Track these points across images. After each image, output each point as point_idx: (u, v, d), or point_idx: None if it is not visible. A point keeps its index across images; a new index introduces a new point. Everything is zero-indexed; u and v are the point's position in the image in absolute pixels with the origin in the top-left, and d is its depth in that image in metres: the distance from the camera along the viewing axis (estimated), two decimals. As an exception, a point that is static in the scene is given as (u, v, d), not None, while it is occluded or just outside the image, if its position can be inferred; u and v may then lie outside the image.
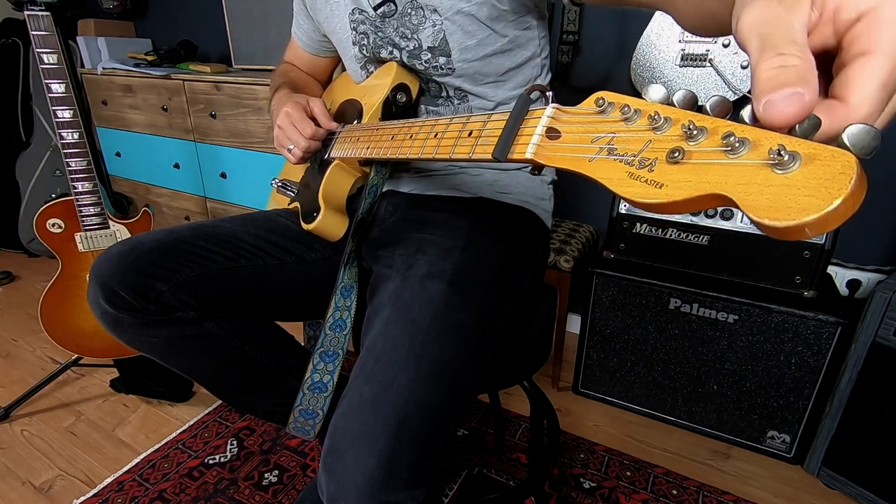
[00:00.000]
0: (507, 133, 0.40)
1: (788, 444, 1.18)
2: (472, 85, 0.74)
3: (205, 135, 1.79)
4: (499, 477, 1.17)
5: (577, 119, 0.36)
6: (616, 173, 0.31)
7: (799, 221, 0.23)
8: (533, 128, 0.38)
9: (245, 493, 1.12)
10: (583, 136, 0.34)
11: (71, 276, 1.27)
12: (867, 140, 0.23)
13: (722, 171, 0.26)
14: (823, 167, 0.23)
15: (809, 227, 0.23)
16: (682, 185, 0.27)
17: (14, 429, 1.32)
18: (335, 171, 0.76)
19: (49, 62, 1.11)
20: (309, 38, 0.94)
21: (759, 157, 0.25)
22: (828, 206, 0.22)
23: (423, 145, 0.52)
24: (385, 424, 0.53)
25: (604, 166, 0.32)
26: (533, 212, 0.81)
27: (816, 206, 0.23)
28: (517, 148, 0.39)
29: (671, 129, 0.30)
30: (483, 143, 0.44)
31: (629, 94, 0.34)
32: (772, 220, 0.24)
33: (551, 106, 0.39)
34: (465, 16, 0.67)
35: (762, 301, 1.11)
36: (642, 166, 0.30)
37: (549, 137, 0.37)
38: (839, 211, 0.22)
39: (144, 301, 0.68)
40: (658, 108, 0.31)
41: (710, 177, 0.27)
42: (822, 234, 0.23)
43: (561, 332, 1.40)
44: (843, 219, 0.23)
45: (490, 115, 0.45)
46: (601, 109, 0.34)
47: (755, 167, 0.25)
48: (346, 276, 0.73)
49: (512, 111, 0.41)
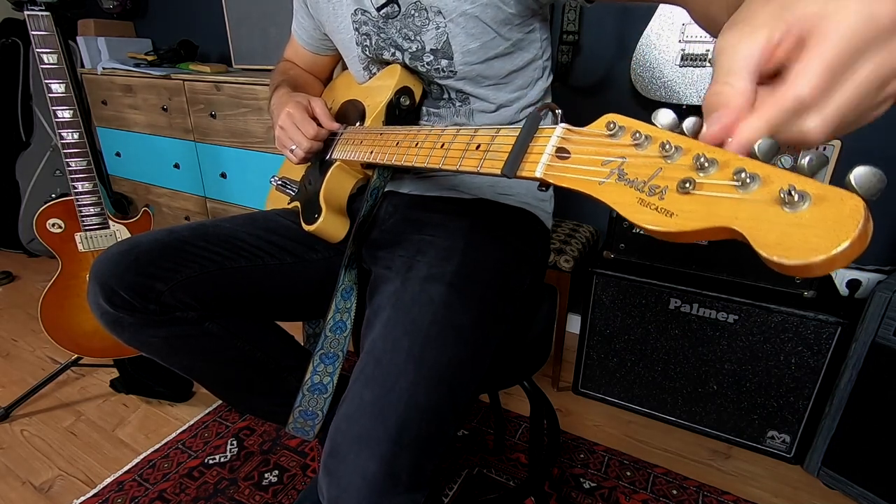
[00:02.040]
0: (517, 150, 0.40)
1: (788, 444, 1.18)
2: (474, 87, 0.74)
3: (205, 135, 1.79)
4: (499, 477, 1.17)
5: (588, 140, 0.36)
6: (626, 198, 0.31)
7: (808, 261, 0.24)
8: (543, 146, 0.39)
9: (245, 493, 1.12)
10: (593, 159, 0.35)
11: (71, 276, 1.27)
12: (873, 182, 0.24)
13: (732, 206, 0.27)
14: (832, 209, 0.24)
15: (817, 267, 0.24)
16: (693, 217, 0.28)
17: (14, 429, 1.32)
18: (337, 173, 0.76)
19: (49, 62, 1.11)
20: (309, 37, 0.94)
21: (769, 194, 0.26)
22: (836, 247, 0.23)
23: (429, 155, 0.52)
24: (385, 428, 0.53)
25: (614, 190, 0.32)
26: (533, 213, 0.81)
27: (825, 248, 0.23)
28: (527, 166, 0.39)
29: (682, 159, 0.30)
30: (491, 158, 0.44)
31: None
32: (780, 258, 0.24)
33: (561, 126, 0.39)
34: (469, 18, 0.67)
35: (762, 301, 1.11)
36: (653, 193, 0.30)
37: (559, 157, 0.37)
38: (847, 252, 0.23)
39: (144, 301, 0.68)
40: (669, 136, 0.31)
41: (721, 210, 0.27)
42: (829, 272, 0.24)
43: (561, 332, 1.40)
44: (850, 259, 0.23)
45: (498, 130, 0.45)
46: (612, 133, 0.35)
47: (765, 204, 0.26)
48: (346, 278, 0.73)
49: (522, 128, 0.41)
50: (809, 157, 0.26)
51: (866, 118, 0.28)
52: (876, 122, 0.28)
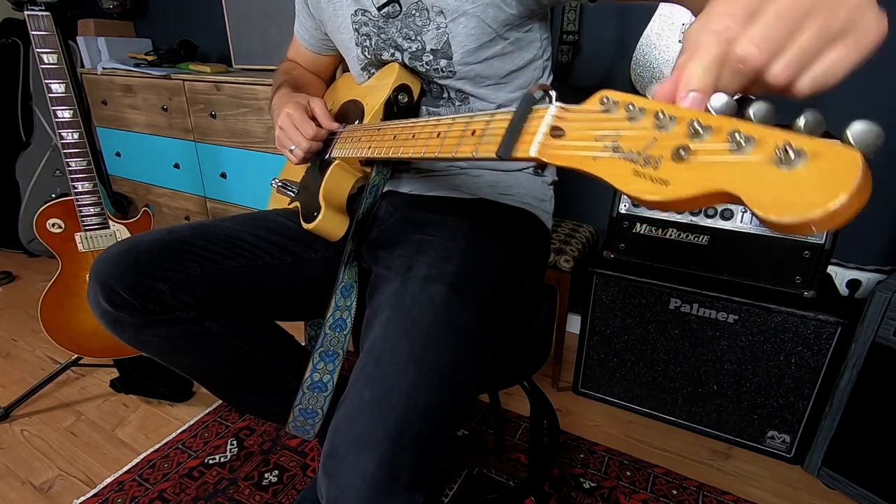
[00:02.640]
0: (511, 131, 0.40)
1: (788, 444, 1.18)
2: (474, 87, 0.74)
3: (205, 135, 1.79)
4: (499, 477, 1.17)
5: (582, 117, 0.36)
6: (621, 171, 0.31)
7: (805, 217, 0.23)
8: (537, 126, 0.38)
9: (245, 493, 1.12)
10: (587, 134, 0.34)
11: (71, 276, 1.27)
12: (871, 138, 0.23)
13: (728, 169, 0.27)
14: (828, 163, 0.24)
15: (815, 223, 0.23)
16: (688, 183, 0.28)
17: (14, 429, 1.32)
18: (336, 171, 0.76)
19: (49, 62, 1.11)
20: (311, 37, 0.94)
21: (764, 154, 0.26)
22: (833, 201, 0.23)
23: (425, 144, 0.52)
24: (385, 429, 0.52)
25: (609, 164, 0.32)
26: (534, 213, 0.81)
27: (822, 202, 0.23)
28: (521, 146, 0.39)
29: (676, 128, 0.30)
30: (486, 142, 0.44)
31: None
32: (778, 217, 0.24)
33: (555, 104, 0.38)
34: (470, 17, 0.67)
35: (762, 301, 1.11)
36: (647, 164, 0.30)
37: (554, 136, 0.37)
38: (845, 206, 0.23)
39: (144, 300, 0.68)
40: (663, 106, 0.31)
41: (716, 174, 0.27)
42: (829, 230, 0.24)
43: (561, 332, 1.40)
44: (848, 214, 0.23)
45: (493, 115, 0.45)
46: (605, 108, 0.34)
47: (761, 164, 0.26)
48: (346, 275, 0.73)
49: (515, 110, 0.41)
50: (805, 119, 0.26)
51: (825, 62, 0.29)
52: (875, 120, 0.28)
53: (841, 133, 0.24)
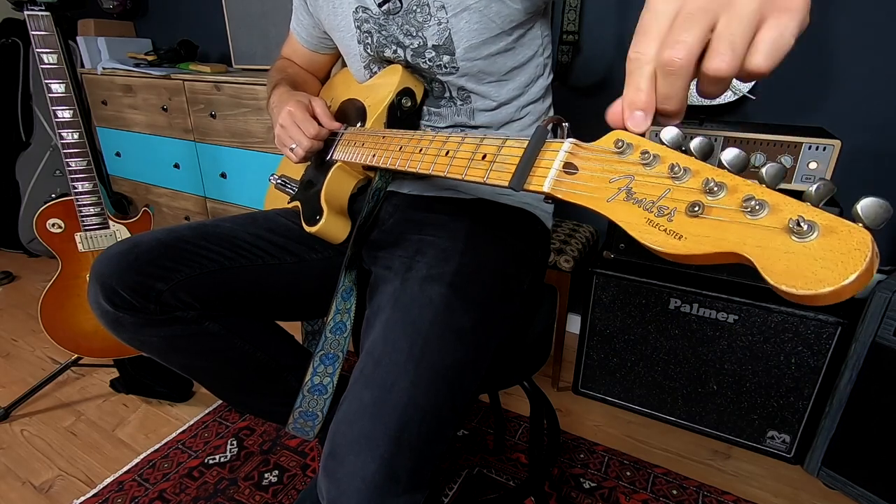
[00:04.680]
0: (525, 164, 0.40)
1: (788, 444, 1.18)
2: (476, 84, 0.74)
3: (205, 135, 1.79)
4: (499, 477, 1.17)
5: (595, 157, 0.36)
6: (635, 218, 0.31)
7: (816, 292, 0.24)
8: (550, 161, 0.39)
9: (245, 493, 1.12)
10: (601, 176, 0.35)
11: (71, 276, 1.27)
12: (879, 213, 0.25)
13: (741, 231, 0.27)
14: (840, 241, 0.25)
15: (825, 298, 0.24)
16: (702, 240, 0.28)
17: (14, 429, 1.32)
18: (338, 173, 0.76)
19: (49, 62, 1.11)
20: (308, 34, 0.94)
21: (778, 222, 0.27)
22: (844, 280, 0.24)
23: (433, 161, 0.52)
24: (385, 429, 0.52)
25: (622, 209, 0.32)
26: (533, 213, 0.81)
27: (833, 280, 0.24)
28: (534, 180, 0.39)
29: (691, 181, 0.30)
30: (498, 170, 0.44)
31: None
32: (789, 287, 0.25)
33: (569, 141, 0.39)
34: (472, 12, 0.67)
35: (762, 301, 1.11)
36: (661, 214, 0.30)
37: (567, 172, 0.37)
38: (853, 285, 0.24)
39: (144, 300, 0.68)
40: (679, 157, 0.31)
41: (730, 235, 0.28)
42: (835, 302, 0.25)
43: (561, 332, 1.40)
44: (856, 290, 0.24)
45: (504, 140, 0.45)
46: (620, 150, 0.35)
47: (774, 232, 0.26)
48: (346, 279, 0.73)
49: (529, 141, 0.41)
50: (817, 186, 0.26)
51: (765, 39, 0.30)
52: (874, 121, 0.28)
53: (852, 209, 0.25)
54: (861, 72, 1.17)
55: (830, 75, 1.20)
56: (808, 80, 1.23)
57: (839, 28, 1.16)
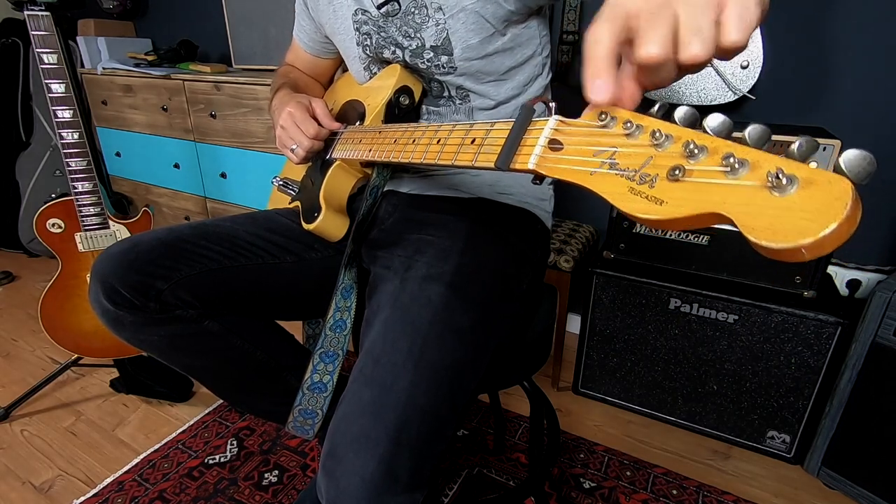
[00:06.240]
0: (510, 143, 0.40)
1: (788, 444, 1.18)
2: (474, 84, 0.74)
3: (205, 135, 1.79)
4: (499, 477, 1.17)
5: (580, 131, 0.36)
6: (617, 188, 0.31)
7: (796, 244, 0.24)
8: (536, 138, 0.39)
9: (245, 493, 1.12)
10: (585, 149, 0.35)
11: (71, 276, 1.27)
12: (863, 165, 0.24)
13: (721, 191, 0.27)
14: (820, 192, 0.24)
15: (806, 249, 0.24)
16: (683, 203, 0.28)
17: (14, 429, 1.32)
18: (337, 172, 0.76)
19: (49, 62, 1.11)
20: (311, 40, 0.94)
21: (757, 178, 0.26)
22: (824, 230, 0.23)
23: (425, 150, 0.52)
24: (384, 428, 0.53)
25: (605, 180, 0.32)
26: (533, 213, 0.81)
27: (813, 230, 0.23)
28: (520, 158, 0.39)
29: (672, 147, 0.30)
30: (486, 152, 0.44)
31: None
32: (769, 242, 0.24)
33: (554, 117, 0.39)
34: (469, 13, 0.68)
35: (762, 301, 1.11)
36: (643, 182, 0.30)
37: (552, 149, 0.37)
38: (835, 235, 0.23)
39: (145, 299, 0.68)
40: (660, 124, 0.31)
41: (710, 196, 0.27)
42: (819, 256, 0.24)
43: (561, 332, 1.40)
44: (838, 242, 0.24)
45: (493, 124, 0.45)
46: (603, 123, 0.35)
47: (754, 189, 0.26)
48: (346, 277, 0.73)
49: (515, 121, 0.41)
50: (799, 143, 0.26)
51: (731, 18, 0.31)
52: (874, 121, 0.28)
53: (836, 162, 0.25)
54: (861, 72, 1.17)
55: (830, 75, 1.20)
56: (808, 80, 1.23)
57: (839, 28, 1.17)
